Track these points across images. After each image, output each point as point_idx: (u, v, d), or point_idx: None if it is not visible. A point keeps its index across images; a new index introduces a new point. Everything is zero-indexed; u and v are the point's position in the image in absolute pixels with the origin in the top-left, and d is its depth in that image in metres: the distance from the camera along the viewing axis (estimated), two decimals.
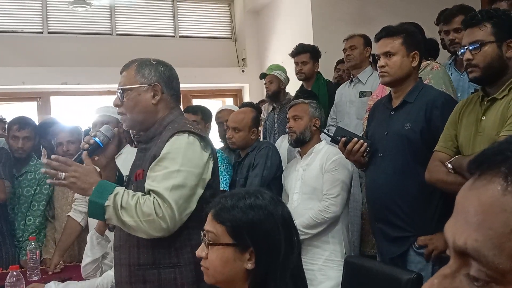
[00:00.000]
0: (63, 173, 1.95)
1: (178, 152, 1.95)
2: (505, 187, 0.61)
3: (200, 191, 1.99)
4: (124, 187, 1.98)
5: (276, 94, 4.62)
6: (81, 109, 6.65)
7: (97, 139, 2.12)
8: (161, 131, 2.09)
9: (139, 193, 1.93)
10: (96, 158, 2.15)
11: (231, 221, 1.43)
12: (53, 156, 2.01)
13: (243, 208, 1.44)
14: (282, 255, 1.42)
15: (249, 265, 1.42)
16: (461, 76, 3.41)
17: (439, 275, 0.67)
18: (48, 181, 2.08)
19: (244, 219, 1.42)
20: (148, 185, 1.95)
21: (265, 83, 4.78)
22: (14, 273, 2.56)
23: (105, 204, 1.88)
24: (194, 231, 1.94)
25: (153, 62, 2.14)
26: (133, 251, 2.03)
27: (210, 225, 1.47)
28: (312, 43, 5.07)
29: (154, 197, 1.90)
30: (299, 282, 1.46)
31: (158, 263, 1.99)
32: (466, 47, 2.21)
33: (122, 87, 2.11)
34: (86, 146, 2.09)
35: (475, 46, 2.17)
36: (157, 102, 2.10)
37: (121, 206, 1.88)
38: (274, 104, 4.68)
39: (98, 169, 2.15)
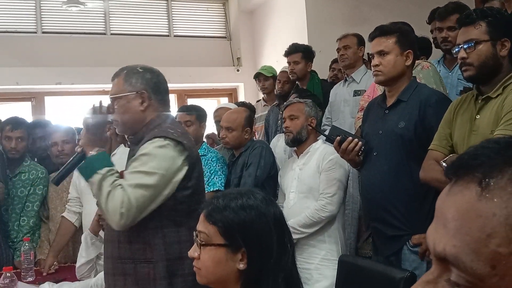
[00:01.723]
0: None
1: (149, 154, 2.07)
2: (480, 192, 0.61)
3: (166, 193, 2.07)
4: (117, 171, 2.09)
5: (289, 93, 4.60)
6: (76, 109, 6.62)
7: None
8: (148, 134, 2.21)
9: (117, 184, 2.03)
10: None
11: (223, 222, 1.42)
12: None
13: (235, 208, 1.43)
14: (274, 255, 1.42)
15: (241, 266, 1.42)
16: (450, 73, 3.42)
17: (422, 281, 0.67)
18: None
19: (236, 220, 1.42)
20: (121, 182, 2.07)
21: (278, 82, 4.75)
22: (7, 274, 2.56)
23: (97, 171, 2.02)
24: (168, 229, 2.09)
25: (140, 70, 2.25)
26: (115, 245, 2.16)
27: (202, 225, 1.47)
28: (306, 42, 5.08)
29: (123, 192, 2.01)
30: (292, 283, 1.46)
31: (135, 258, 2.10)
32: (460, 46, 2.21)
33: (112, 95, 2.23)
34: (80, 149, 2.20)
35: (470, 44, 2.17)
36: (145, 108, 2.21)
37: (100, 184, 2.01)
38: (281, 101, 4.65)
39: None
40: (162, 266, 2.07)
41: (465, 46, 2.18)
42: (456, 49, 2.24)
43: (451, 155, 2.28)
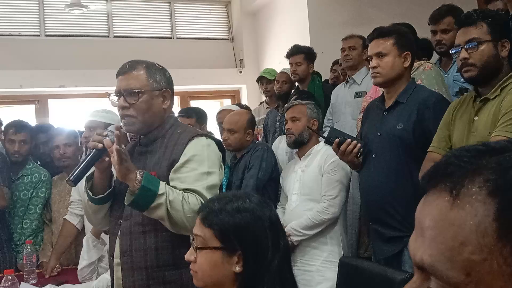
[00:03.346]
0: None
1: (202, 154, 2.03)
2: (451, 201, 0.62)
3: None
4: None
5: (288, 94, 4.61)
6: (79, 112, 6.64)
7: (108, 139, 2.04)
8: (164, 134, 2.13)
9: (181, 191, 1.94)
10: (107, 159, 2.06)
11: (218, 225, 1.43)
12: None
13: (230, 211, 1.44)
14: (270, 258, 1.42)
15: (237, 268, 1.42)
16: (445, 75, 3.41)
17: None
18: (115, 146, 1.95)
19: (232, 223, 1.42)
20: (179, 186, 1.97)
21: (277, 82, 4.75)
22: (8, 277, 2.56)
23: (159, 192, 1.89)
24: None
25: (160, 67, 2.19)
26: (150, 254, 2.03)
27: (198, 229, 1.47)
28: (308, 44, 5.07)
29: (195, 195, 1.94)
30: (288, 285, 1.46)
31: (179, 264, 1.97)
32: (461, 46, 2.18)
33: (136, 89, 2.08)
34: (100, 146, 1.99)
35: (473, 44, 2.14)
36: (167, 107, 2.17)
37: (169, 200, 1.90)
38: (280, 102, 4.66)
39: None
40: None
41: (466, 46, 2.16)
42: (457, 49, 2.21)
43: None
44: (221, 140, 2.22)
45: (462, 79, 3.09)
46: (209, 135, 2.13)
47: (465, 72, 2.20)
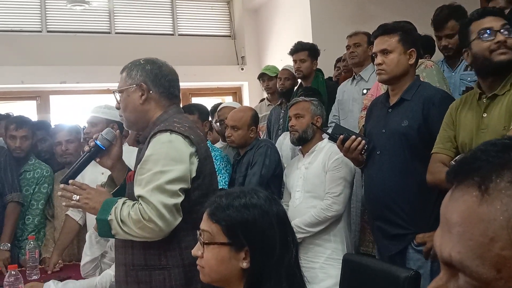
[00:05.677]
0: (78, 196, 2.03)
1: (159, 152, 1.96)
2: (480, 197, 0.61)
3: (185, 187, 1.97)
4: (123, 199, 1.99)
5: (291, 91, 4.60)
6: (81, 108, 6.64)
7: (98, 142, 2.17)
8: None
9: (132, 203, 1.95)
10: (98, 160, 2.22)
11: (226, 221, 1.42)
12: (70, 181, 2.08)
13: (238, 207, 1.43)
14: (277, 254, 1.42)
15: (244, 264, 1.42)
16: (453, 73, 3.39)
17: (432, 287, 0.68)
18: (64, 204, 2.14)
19: (239, 218, 1.42)
20: (135, 191, 1.97)
21: (279, 79, 4.74)
22: (12, 272, 2.56)
23: (108, 218, 1.92)
24: (184, 233, 1.97)
25: (142, 62, 2.16)
26: (128, 252, 2.07)
27: (205, 224, 1.47)
28: (311, 41, 5.06)
29: (139, 203, 1.92)
30: (295, 282, 1.45)
31: (149, 265, 2.02)
32: (494, 30, 2.14)
33: (116, 90, 2.16)
34: (87, 148, 2.16)
35: (509, 30, 2.14)
36: (143, 101, 2.11)
37: (120, 219, 1.91)
38: (283, 99, 4.66)
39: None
40: (179, 273, 1.99)
41: (502, 30, 2.14)
42: (487, 33, 2.16)
43: (462, 154, 2.25)
44: (192, 136, 2.04)
45: (469, 78, 3.08)
46: (178, 131, 1.99)
47: (501, 54, 2.13)
